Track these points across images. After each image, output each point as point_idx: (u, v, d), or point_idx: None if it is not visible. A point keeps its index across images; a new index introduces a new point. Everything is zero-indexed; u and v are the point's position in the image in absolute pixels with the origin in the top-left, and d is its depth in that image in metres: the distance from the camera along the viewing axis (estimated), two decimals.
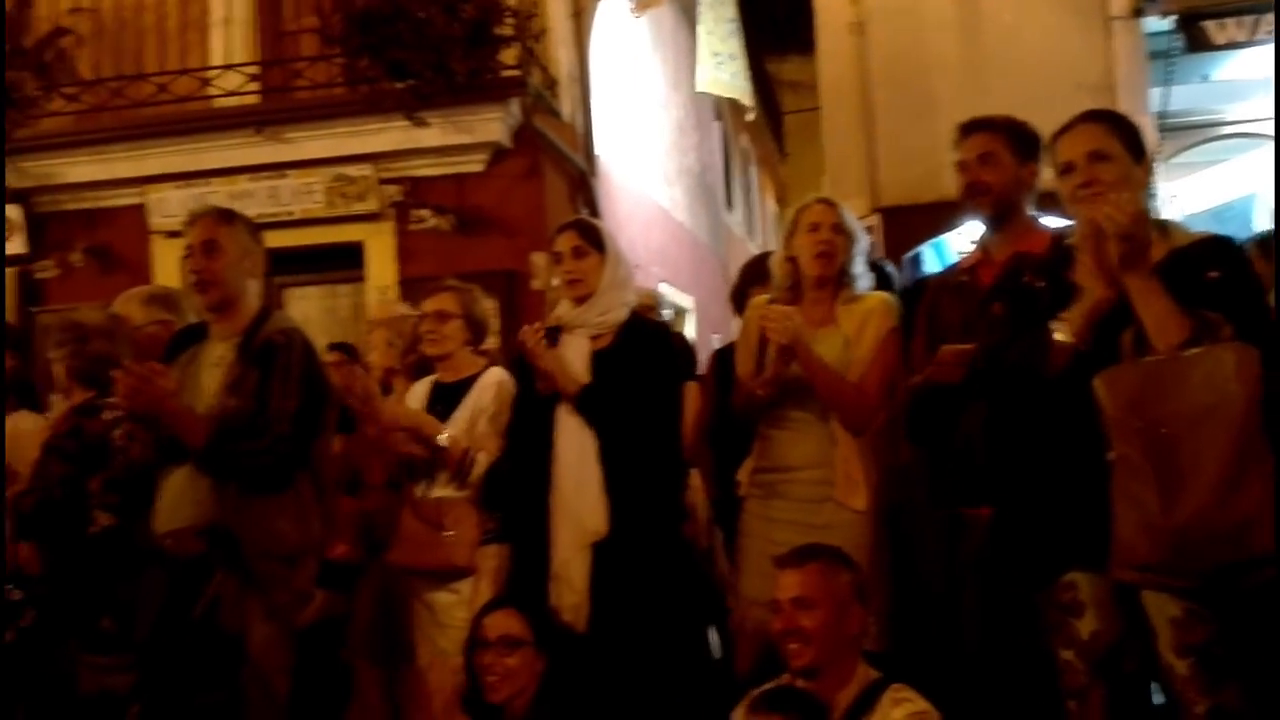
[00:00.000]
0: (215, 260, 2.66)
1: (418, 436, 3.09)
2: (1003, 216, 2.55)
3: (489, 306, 3.49)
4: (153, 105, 5.99)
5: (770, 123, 17.49)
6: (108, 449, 2.68)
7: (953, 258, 5.81)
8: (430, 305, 3.23)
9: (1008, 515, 2.30)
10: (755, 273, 3.46)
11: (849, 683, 2.24)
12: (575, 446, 2.82)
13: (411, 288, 5.93)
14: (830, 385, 2.64)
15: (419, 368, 3.76)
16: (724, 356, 3.39)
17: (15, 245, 6.28)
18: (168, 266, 6.16)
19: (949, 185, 2.87)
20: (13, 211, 6.22)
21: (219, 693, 2.38)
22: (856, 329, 2.72)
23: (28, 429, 3.36)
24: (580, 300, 2.97)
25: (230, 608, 2.42)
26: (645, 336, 2.99)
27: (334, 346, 4.57)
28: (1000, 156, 2.53)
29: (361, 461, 3.40)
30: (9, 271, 6.29)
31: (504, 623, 2.59)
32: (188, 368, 2.67)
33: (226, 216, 2.79)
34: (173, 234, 6.10)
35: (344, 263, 6.18)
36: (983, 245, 2.63)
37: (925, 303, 2.66)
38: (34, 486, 2.80)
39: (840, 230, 2.75)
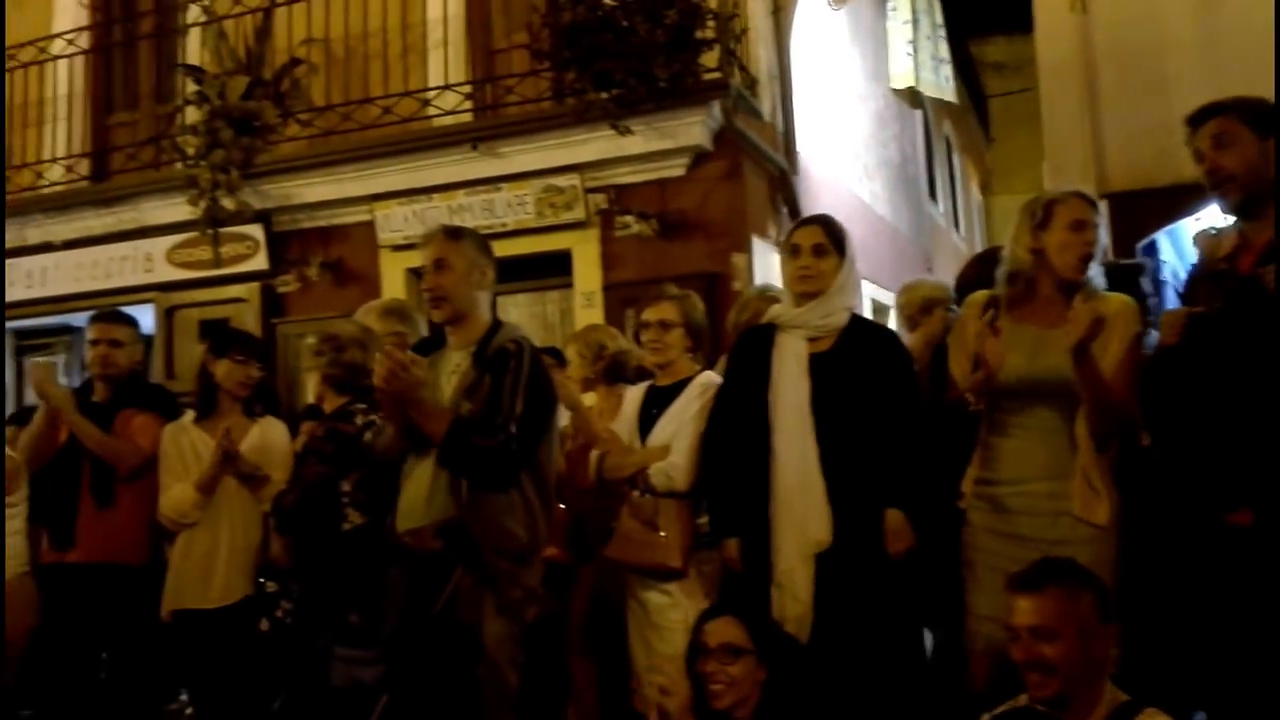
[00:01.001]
0: (444, 276, 2.82)
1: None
2: (1253, 201, 2.37)
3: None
4: (378, 127, 6.38)
5: (974, 108, 16.78)
6: (360, 451, 2.87)
7: (1190, 246, 5.37)
8: (652, 315, 3.29)
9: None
10: (979, 273, 3.33)
11: (1096, 707, 2.10)
12: (796, 453, 2.79)
13: (616, 293, 6.08)
14: (1103, 393, 2.46)
15: (610, 372, 3.86)
16: (937, 357, 3.27)
17: (258, 262, 6.85)
18: (395, 278, 6.58)
19: (1184, 166, 2.66)
20: (254, 231, 6.79)
21: (458, 686, 2.50)
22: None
23: (278, 433, 3.66)
24: (805, 298, 2.93)
25: (467, 602, 2.55)
26: (871, 339, 2.91)
27: (543, 352, 4.76)
28: (1238, 136, 2.35)
29: (571, 466, 3.51)
30: (254, 286, 6.89)
31: (724, 630, 2.59)
32: (429, 373, 2.84)
33: (455, 234, 2.95)
34: (398, 247, 6.51)
35: (552, 270, 6.37)
36: (1238, 230, 2.44)
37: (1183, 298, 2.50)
38: (293, 486, 3.04)
39: (1097, 228, 2.59)
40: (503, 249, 6.29)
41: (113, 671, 4.02)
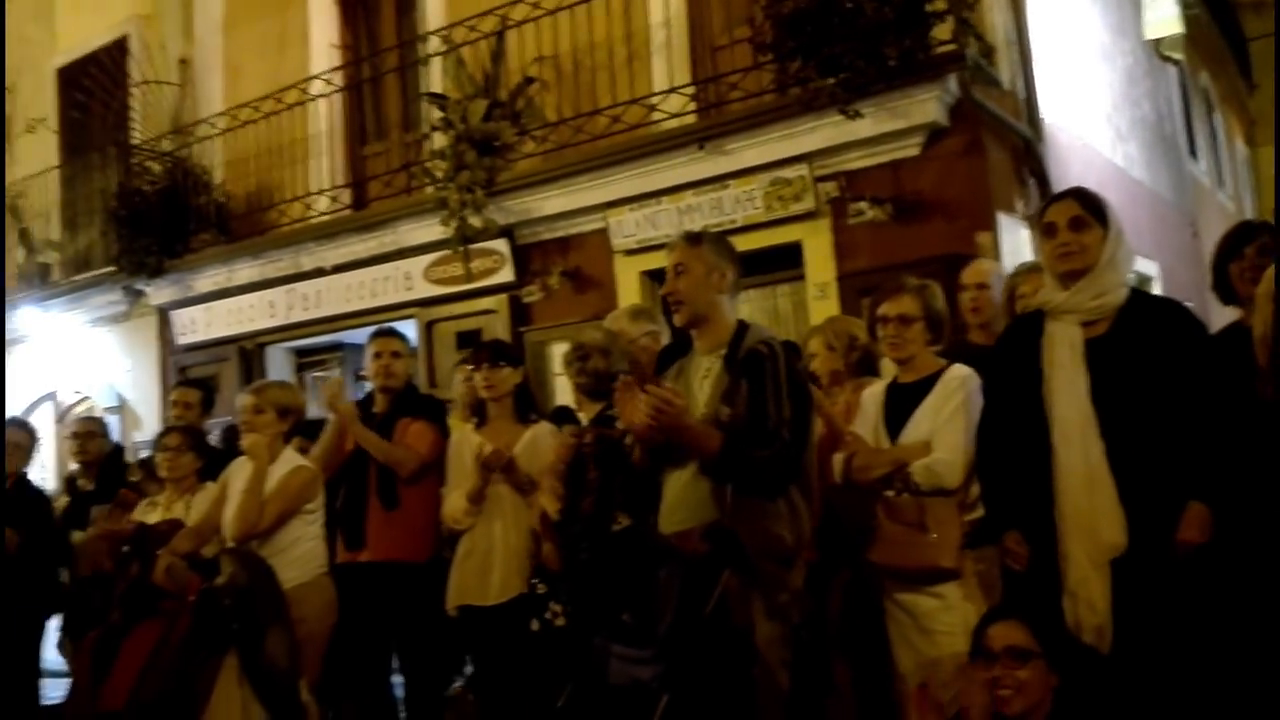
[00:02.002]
0: (682, 280, 2.84)
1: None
2: None
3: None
4: (607, 136, 6.55)
5: (1233, 53, 15.19)
6: (625, 454, 2.95)
7: None
8: (891, 309, 3.16)
9: None
10: (1240, 240, 2.99)
11: None
12: (1079, 452, 2.58)
13: (851, 283, 5.93)
14: None
15: (862, 365, 3.74)
16: (1232, 337, 2.93)
17: (505, 275, 7.19)
18: (629, 282, 6.73)
19: None
20: (500, 245, 7.13)
21: (732, 686, 2.51)
22: None
23: (544, 434, 3.80)
24: (1071, 278, 2.72)
25: (737, 606, 2.55)
26: (1156, 315, 2.65)
27: None
28: None
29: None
30: (502, 297, 7.24)
31: (1009, 633, 2.46)
32: (677, 379, 2.87)
33: (695, 239, 2.98)
34: (631, 252, 6.66)
35: (783, 263, 6.30)
36: None
37: None
38: (568, 492, 3.15)
39: None
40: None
41: (403, 662, 4.35)
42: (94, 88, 10.01)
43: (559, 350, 6.28)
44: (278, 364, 8.93)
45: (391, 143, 8.46)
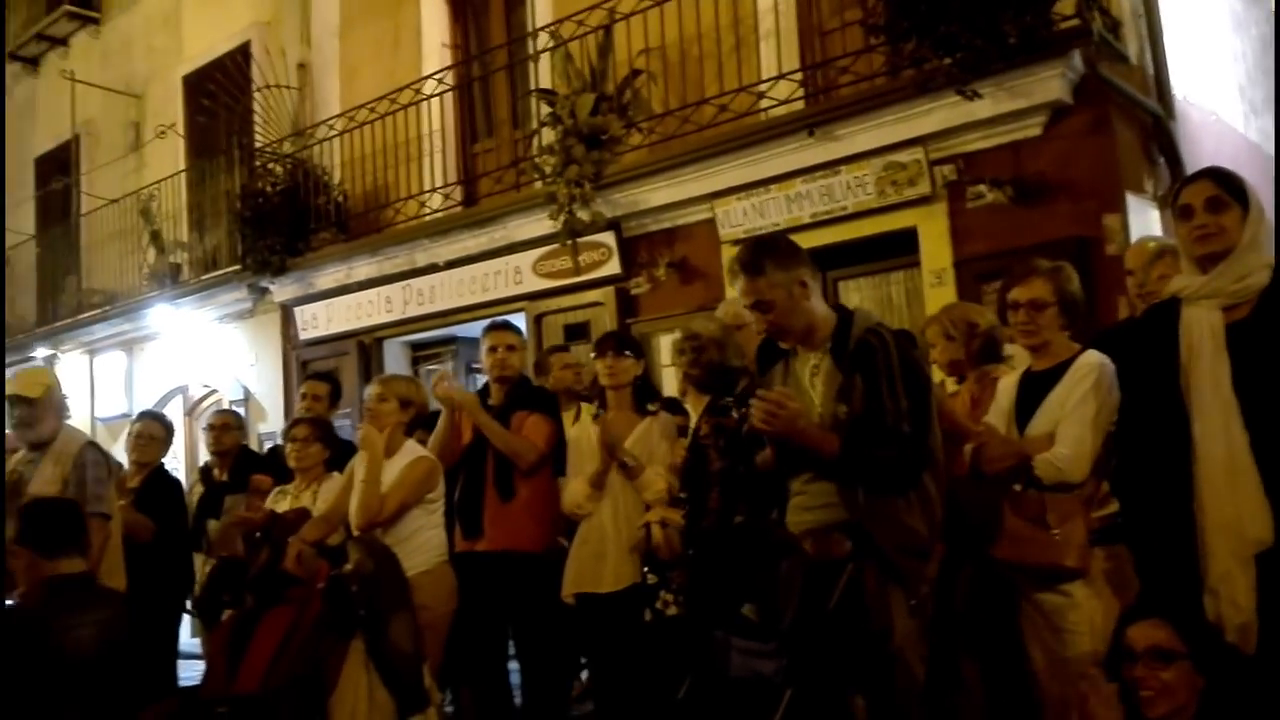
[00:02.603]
0: (770, 315, 2.70)
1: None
2: None
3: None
4: (714, 126, 6.50)
5: None
6: (742, 445, 2.91)
7: None
8: (1022, 294, 3.05)
9: None
10: None
11: None
12: (1221, 443, 2.44)
13: (969, 268, 5.75)
14: None
15: (983, 353, 3.61)
16: None
17: (612, 267, 7.22)
18: None
19: None
20: (607, 238, 7.17)
21: (862, 681, 2.47)
22: None
23: (662, 425, 3.79)
24: (1209, 261, 2.57)
25: (874, 601, 2.50)
26: None
27: None
28: None
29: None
30: (609, 290, 7.27)
31: (1151, 633, 2.35)
32: (785, 378, 2.80)
33: (755, 268, 2.73)
34: (739, 242, 6.58)
35: (896, 250, 6.16)
36: None
37: None
38: (690, 485, 3.14)
39: None
40: (843, 233, 6.31)
41: (519, 649, 4.42)
42: (218, 93, 10.43)
43: (666, 342, 6.28)
44: (394, 357, 9.18)
45: (501, 139, 8.59)
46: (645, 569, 3.57)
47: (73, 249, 12.43)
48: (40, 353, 12.16)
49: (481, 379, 9.07)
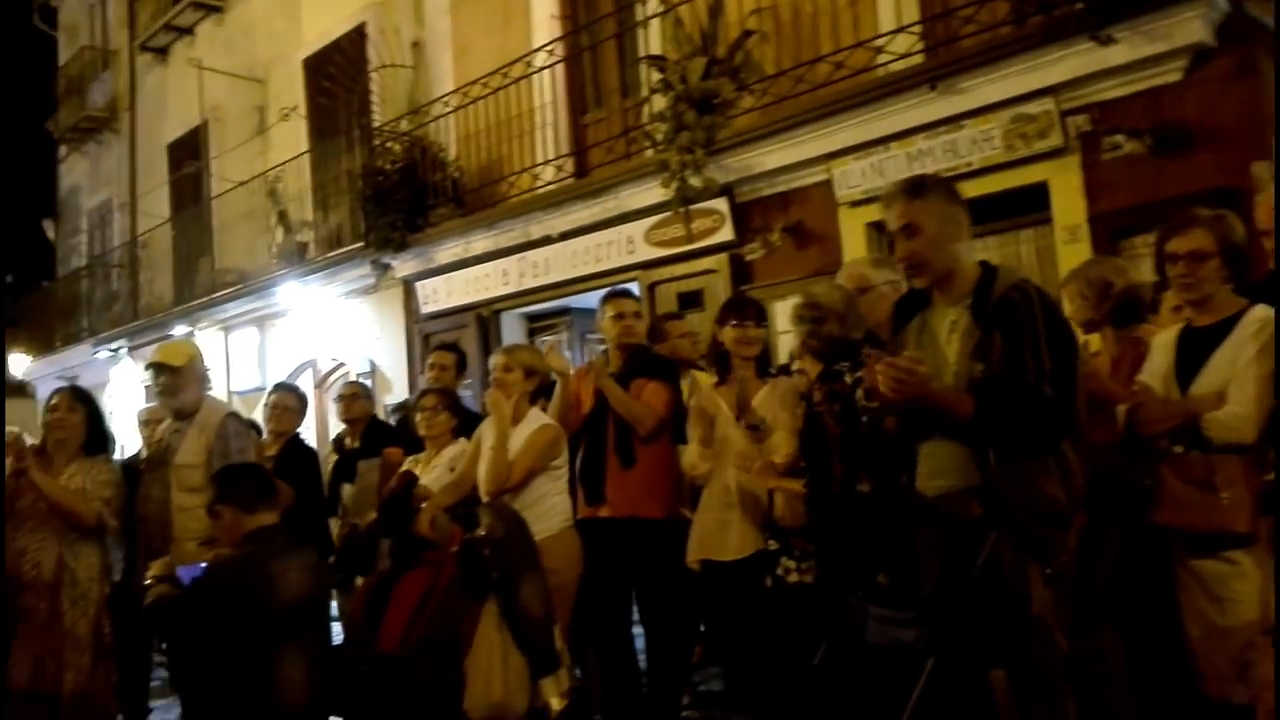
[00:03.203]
0: (916, 241, 2.61)
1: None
2: None
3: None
4: (830, 85, 6.35)
5: None
6: (857, 411, 2.85)
7: None
8: (1181, 245, 2.87)
9: None
10: None
11: None
12: None
13: (1104, 223, 5.49)
14: None
15: (1120, 313, 3.43)
16: None
17: (725, 233, 7.15)
18: (854, 234, 6.53)
19: None
20: (720, 204, 7.10)
21: (1004, 650, 2.39)
22: None
23: (783, 388, 3.72)
24: None
25: (1011, 572, 2.40)
26: None
27: None
28: None
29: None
30: (722, 257, 7.20)
31: None
32: (920, 335, 2.69)
33: (917, 190, 2.67)
34: (857, 203, 6.45)
35: (1024, 207, 5.92)
36: None
37: None
38: (810, 453, 3.08)
39: None
40: (968, 190, 5.94)
41: (644, 614, 4.45)
42: (337, 74, 10.72)
43: (781, 308, 6.19)
44: (511, 329, 9.34)
45: (611, 109, 8.58)
46: (767, 535, 3.53)
47: (205, 231, 13.02)
48: (179, 330, 12.80)
49: (595, 348, 9.22)
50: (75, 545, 3.74)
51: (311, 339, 11.16)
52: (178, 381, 4.14)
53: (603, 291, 5.13)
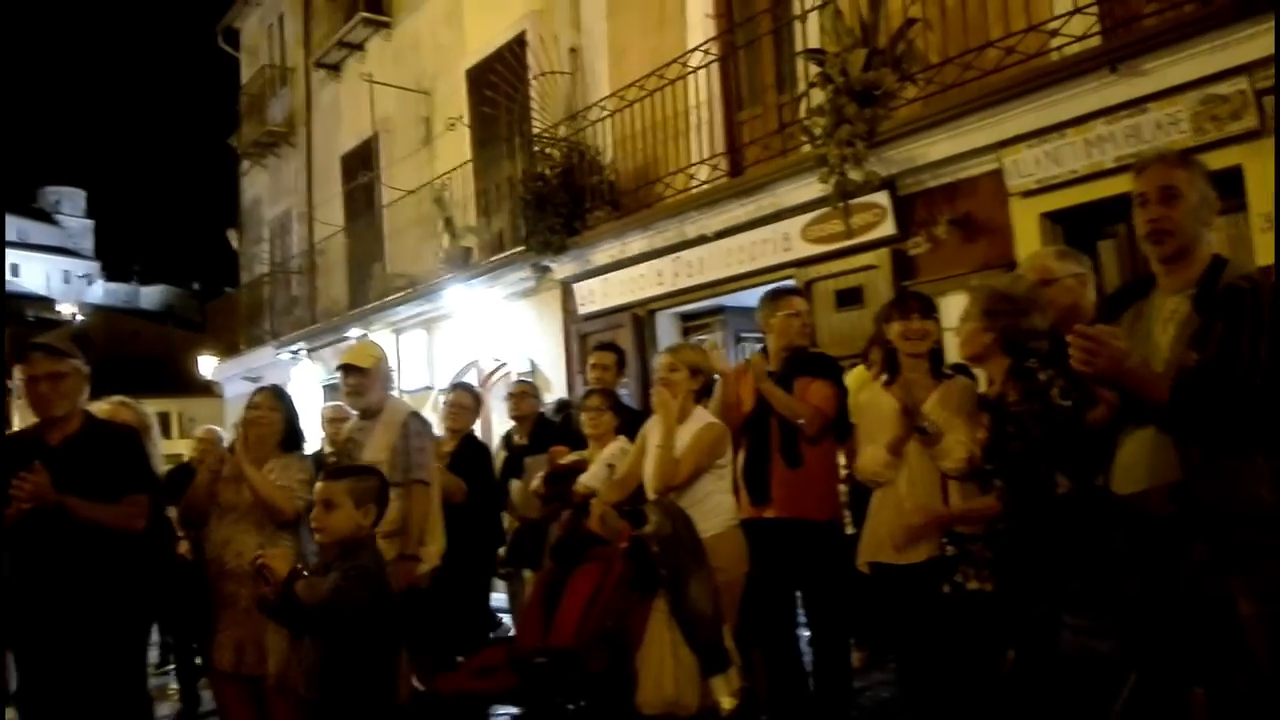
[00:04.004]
0: (1175, 207, 2.50)
1: None
2: None
3: None
4: (1000, 71, 6.11)
5: None
6: (1054, 410, 2.72)
7: None
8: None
9: None
10: None
11: None
12: None
13: None
14: None
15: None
16: None
17: (886, 228, 6.99)
18: (1027, 226, 6.26)
19: None
20: (880, 198, 6.94)
21: (1209, 670, 2.24)
22: None
23: (961, 391, 3.59)
24: None
25: (1212, 578, 2.25)
26: None
27: None
28: None
29: None
30: (883, 252, 7.04)
31: None
32: (1135, 324, 2.57)
33: (1183, 160, 2.62)
34: (1029, 193, 6.19)
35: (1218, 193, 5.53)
36: None
37: None
38: (991, 453, 2.98)
39: None
40: None
41: (810, 615, 4.41)
42: (499, 83, 11.06)
43: (948, 305, 6.00)
44: (666, 329, 9.40)
45: (766, 106, 8.53)
46: (945, 540, 3.42)
47: (377, 237, 13.68)
48: (353, 333, 13.49)
49: (750, 348, 9.19)
50: (274, 536, 3.99)
51: (475, 340, 11.56)
52: (365, 382, 4.37)
53: (760, 290, 5.11)
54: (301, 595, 2.90)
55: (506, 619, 6.23)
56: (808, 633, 4.55)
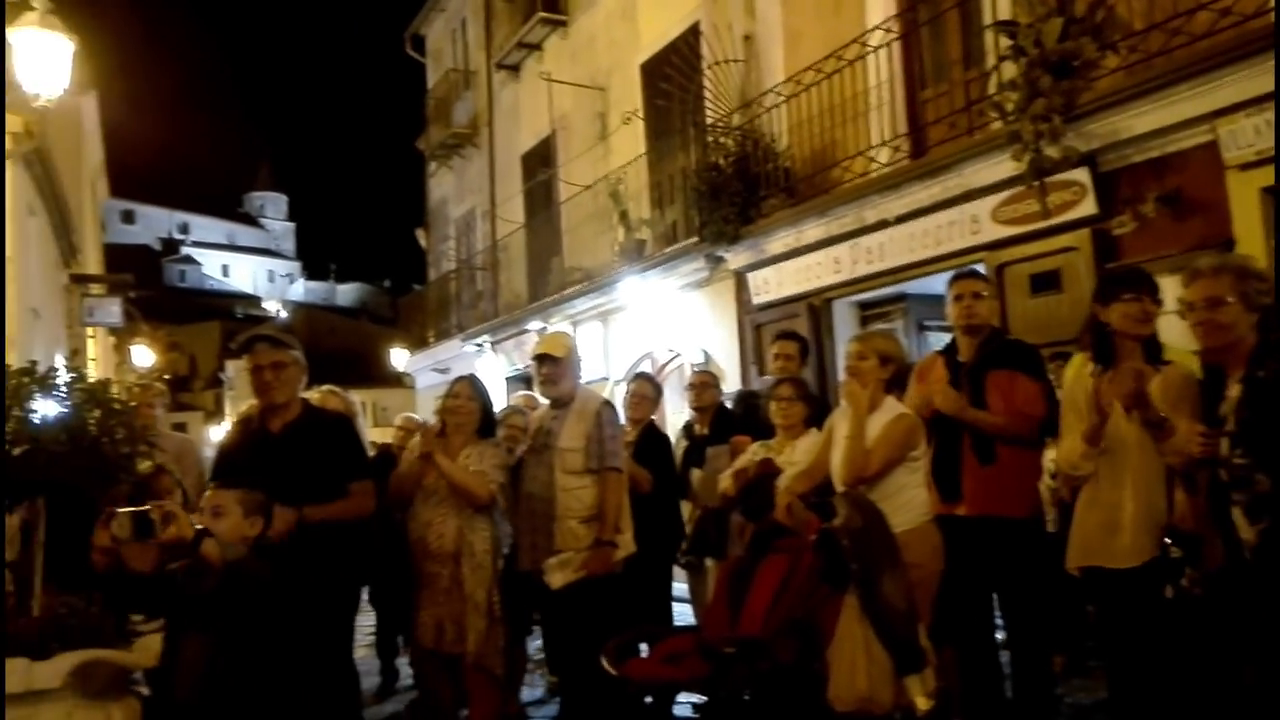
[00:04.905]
0: None
1: None
2: None
3: None
4: (1213, 34, 5.64)
5: None
6: None
7: None
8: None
9: None
10: None
11: None
12: None
13: None
14: None
15: None
16: None
17: (1086, 207, 6.57)
18: (1246, 201, 5.76)
19: None
20: (1080, 175, 6.53)
21: None
22: None
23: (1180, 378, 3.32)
24: None
25: None
26: None
27: None
28: None
29: None
30: (1083, 233, 6.63)
31: None
32: None
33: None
34: (1248, 165, 5.68)
35: None
36: None
37: None
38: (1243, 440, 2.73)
39: None
40: None
41: (1007, 616, 4.22)
42: (673, 75, 11.11)
43: (1165, 285, 5.59)
44: (843, 318, 9.21)
45: (951, 83, 8.19)
46: (1168, 541, 3.17)
47: (555, 232, 14.03)
48: (533, 325, 13.89)
49: (933, 337, 8.87)
50: (472, 520, 4.16)
51: (649, 331, 11.67)
52: (558, 370, 4.48)
53: (946, 276, 4.88)
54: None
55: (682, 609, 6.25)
56: (1002, 634, 4.36)
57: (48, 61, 7.07)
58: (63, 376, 3.62)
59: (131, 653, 3.44)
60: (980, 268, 7.29)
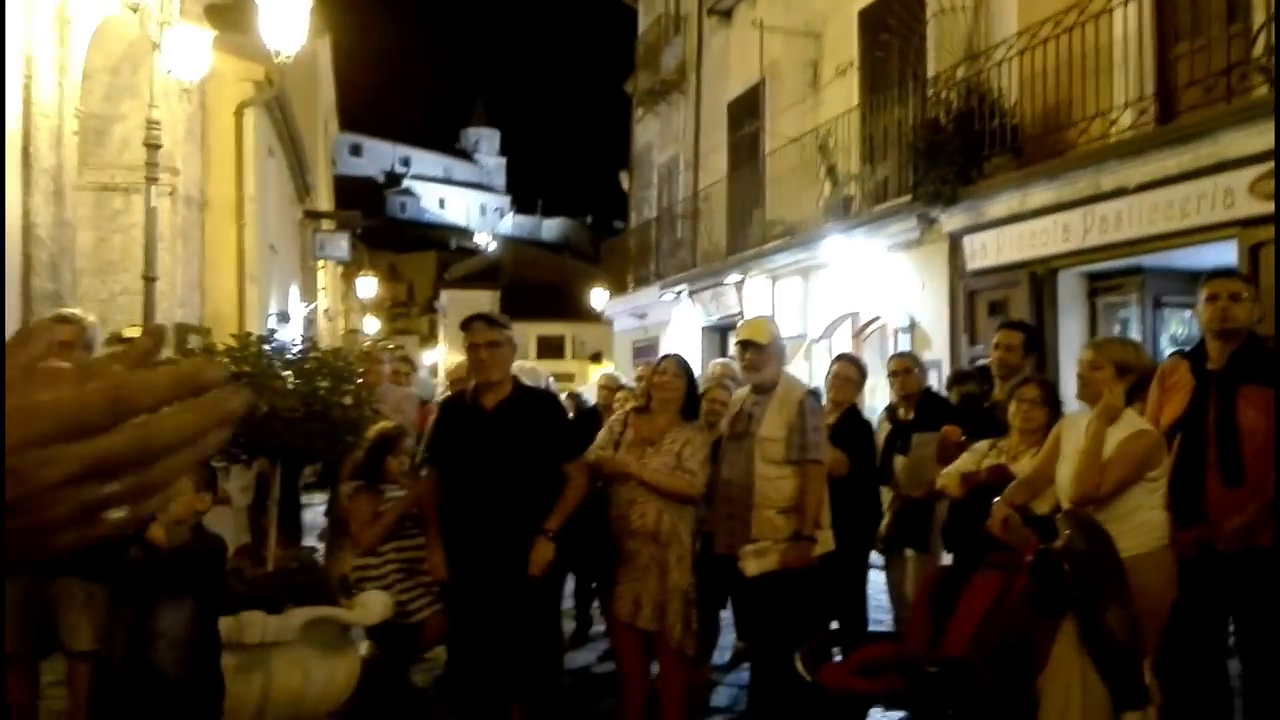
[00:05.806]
0: None
1: None
2: None
3: None
4: None
5: None
6: None
7: None
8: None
9: None
10: None
11: None
12: None
13: None
14: None
15: None
16: None
17: None
18: None
19: None
20: None
21: None
22: None
23: None
24: None
25: None
26: None
27: None
28: None
29: None
30: None
31: None
32: None
33: None
34: None
35: None
36: None
37: None
38: None
39: None
40: None
41: (1244, 651, 3.87)
42: (894, 24, 10.56)
43: None
44: (1069, 289, 8.63)
45: (1210, 39, 7.36)
46: None
47: (758, 185, 13.78)
48: (731, 278, 13.78)
49: (1172, 316, 8.15)
50: (677, 505, 4.18)
51: (852, 291, 11.33)
52: (762, 357, 4.39)
53: (1188, 252, 4.37)
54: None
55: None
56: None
57: (288, 17, 7.47)
58: (297, 346, 3.85)
59: (354, 610, 3.68)
60: (1232, 245, 6.63)
